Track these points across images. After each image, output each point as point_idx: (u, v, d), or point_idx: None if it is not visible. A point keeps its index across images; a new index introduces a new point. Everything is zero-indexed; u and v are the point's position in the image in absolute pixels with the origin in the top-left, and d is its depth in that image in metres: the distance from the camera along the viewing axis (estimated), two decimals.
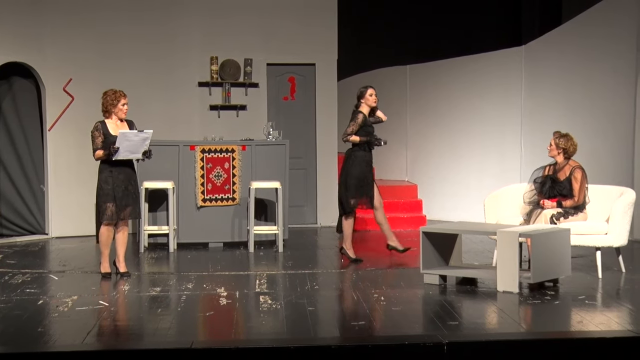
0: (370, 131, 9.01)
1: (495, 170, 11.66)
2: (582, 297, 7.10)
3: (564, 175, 8.20)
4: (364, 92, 9.08)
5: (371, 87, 9.15)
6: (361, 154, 8.95)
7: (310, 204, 11.64)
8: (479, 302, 7.05)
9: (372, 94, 9.08)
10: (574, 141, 8.19)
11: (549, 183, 8.25)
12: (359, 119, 8.94)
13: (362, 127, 8.96)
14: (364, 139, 8.94)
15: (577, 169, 8.13)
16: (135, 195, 8.07)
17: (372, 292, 7.28)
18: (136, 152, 7.92)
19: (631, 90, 10.22)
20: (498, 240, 7.39)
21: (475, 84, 11.95)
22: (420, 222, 11.03)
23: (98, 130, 7.97)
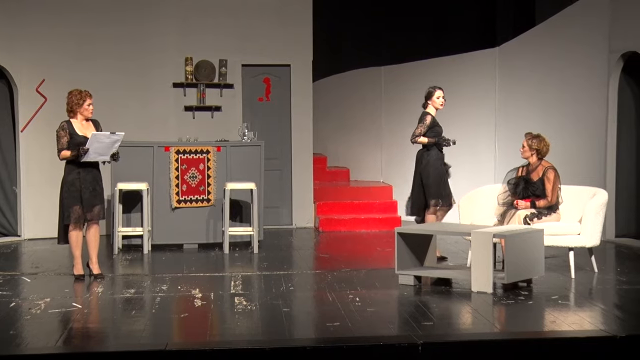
0: (439, 132, 8.93)
1: (470, 171, 11.72)
2: (555, 297, 7.16)
3: (537, 176, 8.26)
4: (432, 92, 8.99)
5: (439, 89, 9.03)
6: (434, 153, 8.90)
7: (286, 205, 11.64)
8: (454, 302, 7.09)
9: (440, 97, 8.97)
10: (547, 142, 8.25)
11: (522, 184, 8.30)
12: (427, 120, 8.90)
13: (431, 128, 8.89)
14: (433, 141, 8.89)
15: (550, 170, 8.20)
16: (102, 196, 8.03)
17: (347, 293, 7.29)
18: (105, 154, 7.88)
19: (603, 91, 10.32)
20: (472, 241, 7.43)
21: (450, 85, 11.99)
22: (395, 223, 11.06)
23: (64, 130, 7.90)
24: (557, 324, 6.31)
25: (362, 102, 12.79)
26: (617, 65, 10.18)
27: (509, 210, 8.23)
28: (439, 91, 9.00)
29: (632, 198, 10.18)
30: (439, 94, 8.98)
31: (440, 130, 8.99)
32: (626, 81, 10.22)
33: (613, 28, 10.17)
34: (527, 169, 8.35)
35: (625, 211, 10.19)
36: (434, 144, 8.92)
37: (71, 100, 7.90)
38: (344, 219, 11.40)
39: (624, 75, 10.20)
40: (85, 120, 7.95)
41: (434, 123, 8.94)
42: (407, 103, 12.38)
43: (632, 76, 10.15)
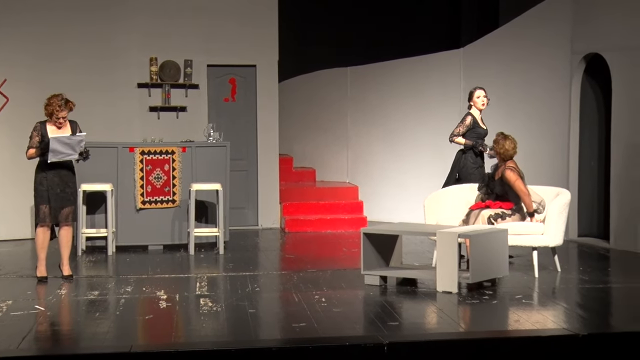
0: (481, 134, 8.76)
1: (435, 171, 11.79)
2: (519, 297, 7.23)
3: (498, 175, 8.33)
4: (472, 93, 8.86)
5: (480, 88, 8.88)
6: (471, 157, 8.74)
7: (252, 205, 11.62)
8: (419, 302, 7.13)
9: (480, 96, 8.80)
10: (508, 146, 8.24)
11: (487, 181, 8.40)
12: (467, 120, 8.79)
13: (472, 129, 8.74)
14: (470, 143, 8.76)
15: (507, 170, 8.23)
16: (73, 198, 7.97)
17: (313, 294, 7.30)
18: (71, 154, 7.83)
19: (566, 92, 10.44)
20: (437, 241, 7.47)
21: (415, 85, 12.07)
22: (361, 224, 11.09)
23: (36, 131, 7.89)
24: (521, 323, 6.37)
25: (328, 102, 12.81)
26: (580, 67, 10.30)
27: (474, 211, 8.29)
28: (479, 91, 8.84)
29: (594, 198, 10.31)
30: (479, 94, 8.81)
31: (482, 132, 8.78)
32: (588, 82, 10.35)
33: (575, 30, 10.29)
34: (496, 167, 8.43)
35: (588, 211, 10.32)
36: (471, 147, 8.76)
37: (51, 106, 7.84)
38: (310, 220, 11.40)
39: (586, 77, 10.33)
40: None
41: (475, 124, 8.78)
42: (372, 103, 12.43)
43: (594, 78, 10.28)
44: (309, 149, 12.92)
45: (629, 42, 9.49)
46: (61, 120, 7.86)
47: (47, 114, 7.89)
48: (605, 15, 9.84)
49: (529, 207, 8.14)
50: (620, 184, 9.64)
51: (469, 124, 8.79)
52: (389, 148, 12.27)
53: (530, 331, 6.10)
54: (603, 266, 8.71)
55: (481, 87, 8.93)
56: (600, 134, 10.27)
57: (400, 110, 12.18)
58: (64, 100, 7.87)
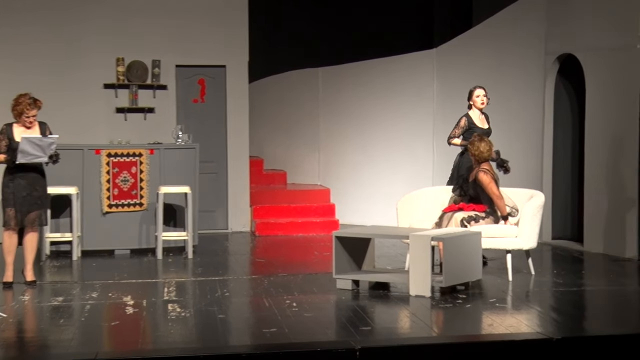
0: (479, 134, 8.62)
1: (408, 173, 11.83)
2: (493, 300, 7.27)
3: (472, 177, 8.36)
4: (471, 92, 8.79)
5: (480, 87, 8.81)
6: (467, 158, 8.61)
7: (221, 208, 11.58)
8: (392, 306, 7.14)
9: (479, 95, 8.73)
10: (483, 147, 8.30)
11: (460, 183, 8.43)
12: (461, 122, 8.75)
13: (468, 130, 8.67)
14: (464, 144, 8.69)
15: (480, 172, 8.27)
16: (41, 201, 7.90)
17: (283, 299, 7.29)
18: (41, 156, 7.76)
19: (540, 93, 10.52)
20: (410, 244, 7.49)
21: (388, 86, 12.10)
22: (333, 227, 11.09)
23: (2, 134, 7.81)
24: (495, 327, 6.40)
25: (300, 103, 12.80)
26: (553, 68, 10.39)
27: (447, 214, 8.32)
28: (478, 90, 8.80)
29: (568, 200, 10.40)
30: (479, 93, 8.76)
31: (479, 132, 8.70)
32: (562, 83, 10.44)
33: (549, 30, 10.38)
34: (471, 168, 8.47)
35: (562, 213, 10.40)
36: (466, 148, 8.67)
37: (19, 105, 7.76)
38: (280, 223, 11.39)
39: (560, 78, 10.41)
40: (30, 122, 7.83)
41: (471, 125, 8.74)
42: (344, 105, 12.44)
43: (567, 78, 10.36)
44: (280, 151, 12.90)
45: (603, 43, 9.58)
46: (31, 119, 7.79)
47: (15, 115, 7.81)
48: (579, 16, 9.93)
49: (502, 210, 8.19)
50: (594, 186, 9.72)
51: (464, 125, 8.77)
52: (361, 150, 12.29)
53: (504, 335, 6.14)
54: (577, 269, 8.79)
55: (481, 87, 8.89)
56: (574, 135, 10.35)
57: (372, 112, 12.21)
58: (32, 99, 7.80)
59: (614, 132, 9.50)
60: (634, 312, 7.24)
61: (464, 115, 8.84)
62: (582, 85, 9.96)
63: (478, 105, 8.78)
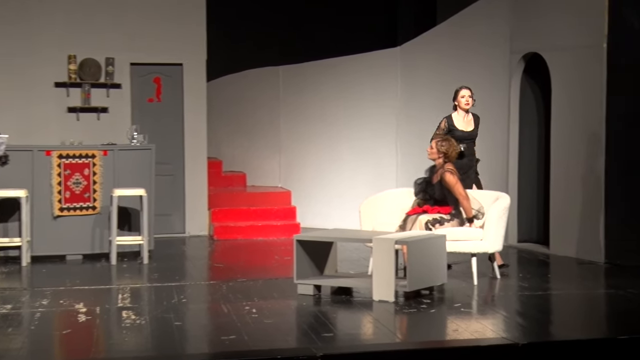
0: (460, 137, 8.62)
1: (371, 175, 11.87)
2: (458, 305, 7.31)
3: (437, 179, 8.40)
4: (457, 92, 8.73)
5: (465, 88, 8.74)
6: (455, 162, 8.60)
7: (178, 212, 11.53)
8: (354, 312, 7.15)
9: (465, 96, 8.66)
10: (455, 146, 8.37)
11: (424, 186, 8.46)
12: (441, 124, 8.71)
13: (449, 132, 8.61)
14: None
15: (446, 172, 8.32)
16: None
17: (243, 305, 7.27)
18: None
19: (505, 92, 10.61)
20: (374, 248, 7.51)
21: (350, 86, 12.13)
22: (294, 230, 11.09)
23: None
24: (460, 333, 6.44)
25: (260, 103, 12.78)
26: (519, 67, 10.48)
27: (411, 216, 8.35)
28: (464, 90, 8.74)
29: (534, 202, 10.49)
30: (464, 93, 8.70)
31: (460, 135, 8.65)
32: (528, 82, 10.54)
33: (514, 28, 10.47)
34: (431, 170, 8.49)
35: (528, 215, 10.50)
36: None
37: None
38: (240, 227, 11.36)
39: (525, 77, 10.51)
40: None
41: (451, 127, 8.68)
42: (306, 104, 12.45)
43: (533, 78, 10.46)
44: (239, 152, 12.87)
45: (569, 42, 9.69)
46: None
47: None
48: (545, 14, 10.04)
49: (468, 212, 8.24)
50: (561, 188, 9.83)
51: (444, 127, 8.72)
52: (324, 151, 12.30)
53: (469, 341, 6.17)
54: (543, 272, 8.87)
55: (467, 87, 8.85)
56: (540, 135, 10.46)
57: (335, 112, 12.23)
58: None
59: (580, 133, 9.62)
60: (601, 316, 7.33)
61: (444, 117, 8.82)
62: (548, 85, 10.07)
63: (463, 106, 8.73)
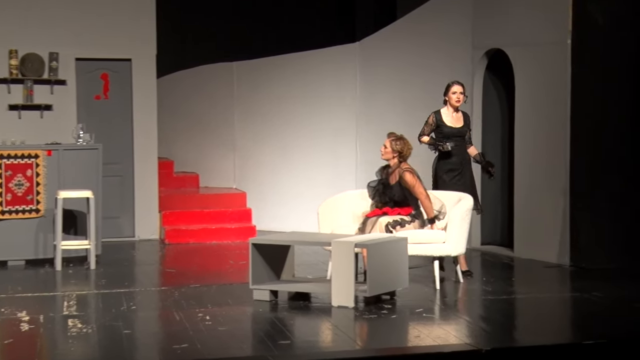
0: (448, 134, 8.61)
1: (330, 175, 11.89)
2: (420, 310, 7.35)
3: (395, 179, 8.44)
4: (448, 87, 8.71)
5: (457, 83, 8.72)
6: (441, 163, 8.60)
7: (127, 214, 11.46)
8: (313, 318, 7.16)
9: (456, 92, 8.64)
10: (409, 145, 8.44)
11: (381, 188, 8.47)
12: (429, 119, 8.71)
13: (437, 128, 8.63)
14: (431, 142, 8.65)
15: (406, 172, 8.36)
16: None
17: (196, 312, 7.24)
18: None
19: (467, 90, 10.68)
20: (332, 251, 7.52)
21: (308, 82, 12.14)
22: (250, 233, 11.08)
23: None
24: (422, 339, 6.47)
25: (213, 100, 12.74)
26: (481, 63, 10.57)
27: (370, 218, 8.37)
28: (456, 86, 8.72)
29: (497, 203, 10.58)
30: (456, 89, 8.68)
31: (448, 131, 8.65)
32: (490, 79, 10.63)
33: (476, 24, 10.56)
34: (386, 171, 8.52)
35: (491, 217, 10.58)
36: (434, 148, 8.66)
37: None
38: (192, 230, 11.32)
39: (488, 74, 10.60)
40: None
41: (439, 123, 8.69)
42: (261, 102, 12.43)
43: (496, 74, 10.56)
44: (191, 152, 12.81)
45: (532, 38, 9.79)
46: None
47: None
48: (508, 9, 10.14)
49: (430, 212, 8.28)
50: (524, 189, 9.92)
51: (432, 122, 8.75)
52: (280, 151, 12.29)
53: (431, 347, 6.21)
54: (507, 276, 8.96)
55: (459, 82, 8.85)
56: (503, 134, 10.55)
57: (291, 110, 12.23)
58: None
59: (544, 132, 9.72)
60: (566, 321, 7.42)
61: (432, 112, 8.83)
62: (511, 82, 10.16)
63: (453, 102, 8.72)
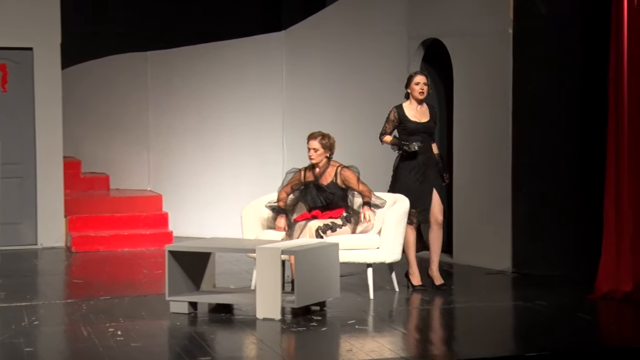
0: (413, 130, 8.46)
1: (254, 175, 11.88)
2: (352, 322, 7.40)
3: (329, 179, 8.45)
4: (411, 78, 8.57)
5: (420, 74, 8.62)
6: (405, 163, 8.46)
7: (29, 220, 11.32)
8: (236, 332, 7.15)
9: (419, 83, 8.51)
10: (334, 139, 8.50)
11: (313, 190, 8.46)
12: (391, 115, 8.55)
13: (402, 125, 8.50)
14: (395, 142, 8.51)
15: (344, 170, 8.43)
16: None
17: (106, 326, 7.19)
18: None
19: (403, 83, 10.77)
20: (257, 259, 7.52)
21: (230, 74, 12.11)
22: (166, 240, 11.01)
23: None
24: (354, 353, 6.52)
25: (124, 94, 12.63)
26: (418, 54, 10.67)
27: (298, 223, 8.38)
28: (418, 77, 8.61)
29: None
30: (419, 80, 8.57)
31: (413, 127, 8.51)
32: (427, 71, 10.73)
33: (412, 12, 10.65)
34: (312, 172, 8.52)
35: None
36: (398, 147, 8.53)
37: None
38: (102, 236, 11.22)
39: (425, 65, 10.71)
40: None
41: (402, 118, 8.56)
42: (179, 95, 12.37)
43: (434, 66, 10.67)
44: (100, 150, 12.69)
45: (471, 27, 9.92)
46: None
47: None
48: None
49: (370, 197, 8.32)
50: (463, 190, 10.05)
51: (394, 118, 8.63)
52: (200, 148, 12.25)
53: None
54: (446, 283, 9.05)
55: (422, 73, 8.80)
56: (441, 131, 10.66)
57: (212, 104, 12.19)
58: None
59: (485, 128, 9.86)
60: (508, 331, 7.54)
61: (394, 107, 8.71)
62: (450, 74, 10.28)
63: (417, 94, 8.62)
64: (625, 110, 8.13)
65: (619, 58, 8.14)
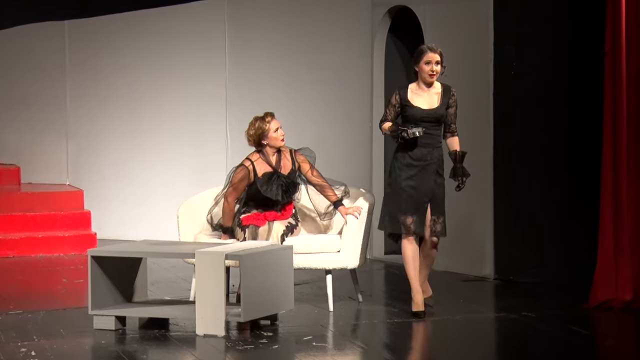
0: (416, 116, 7.92)
1: (194, 167, 11.86)
2: (309, 338, 7.42)
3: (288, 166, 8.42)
4: (420, 55, 7.95)
5: (431, 51, 7.92)
6: (399, 154, 8.01)
7: None
8: (172, 351, 7.15)
9: (431, 62, 7.92)
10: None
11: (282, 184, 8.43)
12: (392, 98, 8.03)
13: (403, 110, 7.99)
14: (393, 128, 7.96)
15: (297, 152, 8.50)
16: None
17: (17, 345, 7.15)
18: None
19: (367, 59, 10.81)
20: (197, 265, 7.53)
21: (164, 48, 12.06)
22: (88, 243, 10.97)
23: None
24: None
25: (38, 71, 12.54)
26: (383, 24, 10.70)
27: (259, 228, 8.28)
28: (429, 54, 7.97)
29: None
30: (430, 57, 7.95)
31: (415, 113, 7.97)
32: (395, 44, 10.76)
33: None
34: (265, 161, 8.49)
35: None
36: (395, 136, 7.98)
37: None
38: (12, 239, 11.17)
39: (391, 37, 10.73)
40: None
41: (405, 102, 8.02)
42: (103, 73, 12.30)
43: (401, 38, 10.70)
44: (10, 138, 12.60)
45: None
46: None
47: None
48: None
49: (332, 195, 8.36)
50: None
51: (395, 102, 8.09)
52: (128, 136, 12.20)
53: None
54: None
55: (434, 49, 8.06)
56: None
57: (143, 83, 12.13)
58: None
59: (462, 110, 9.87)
60: (490, 348, 7.61)
61: (396, 88, 8.22)
62: None
63: (426, 76, 8.04)
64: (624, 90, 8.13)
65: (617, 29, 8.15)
